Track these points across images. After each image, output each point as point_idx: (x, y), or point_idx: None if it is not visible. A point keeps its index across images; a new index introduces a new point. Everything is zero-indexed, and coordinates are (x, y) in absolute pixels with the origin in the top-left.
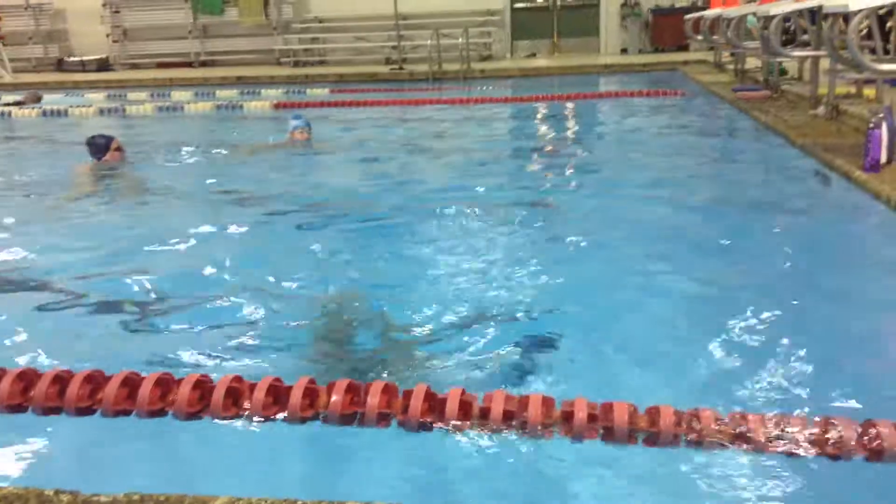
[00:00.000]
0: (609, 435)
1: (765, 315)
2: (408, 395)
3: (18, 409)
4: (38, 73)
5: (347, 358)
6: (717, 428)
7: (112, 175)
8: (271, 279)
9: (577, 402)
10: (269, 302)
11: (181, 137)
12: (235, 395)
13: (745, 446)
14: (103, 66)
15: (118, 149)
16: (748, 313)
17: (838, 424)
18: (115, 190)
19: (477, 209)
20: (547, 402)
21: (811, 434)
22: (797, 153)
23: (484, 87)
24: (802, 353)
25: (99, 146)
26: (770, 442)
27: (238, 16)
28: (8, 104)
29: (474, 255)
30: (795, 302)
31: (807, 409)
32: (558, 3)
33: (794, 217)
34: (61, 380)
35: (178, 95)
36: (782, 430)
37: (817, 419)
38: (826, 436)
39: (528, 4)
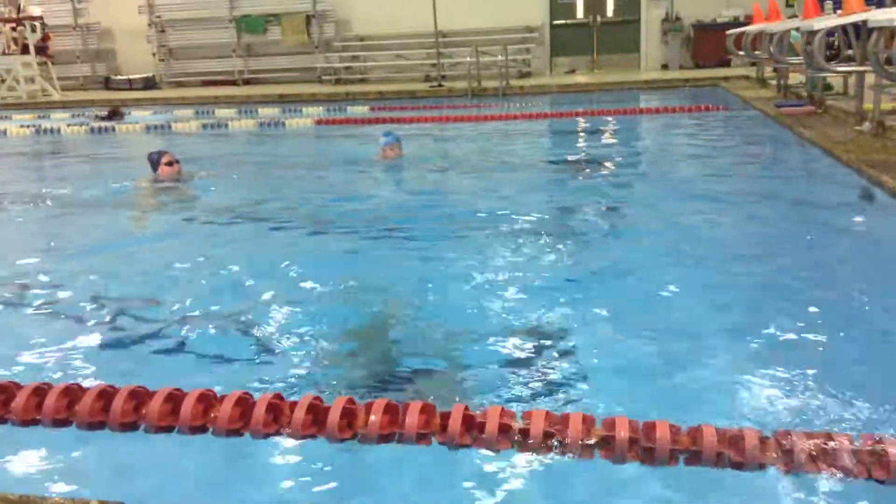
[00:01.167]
0: (650, 455)
1: (811, 334)
2: (446, 415)
3: (63, 423)
4: (86, 90)
5: (386, 377)
6: (760, 448)
7: (168, 190)
8: (310, 297)
9: (618, 421)
10: (307, 320)
11: (230, 153)
12: (275, 412)
13: (790, 466)
14: (149, 84)
15: (169, 163)
16: (794, 331)
17: (888, 444)
18: (168, 205)
19: (516, 225)
20: (587, 421)
21: (860, 454)
22: (842, 169)
23: (523, 104)
24: (850, 372)
25: (151, 162)
26: (817, 462)
27: (281, 35)
28: (98, 117)
29: (513, 272)
30: (842, 320)
31: (856, 429)
32: (598, 19)
33: (841, 234)
34: (106, 395)
35: (222, 113)
36: (830, 450)
37: (866, 438)
38: (875, 456)
39: (568, 21)
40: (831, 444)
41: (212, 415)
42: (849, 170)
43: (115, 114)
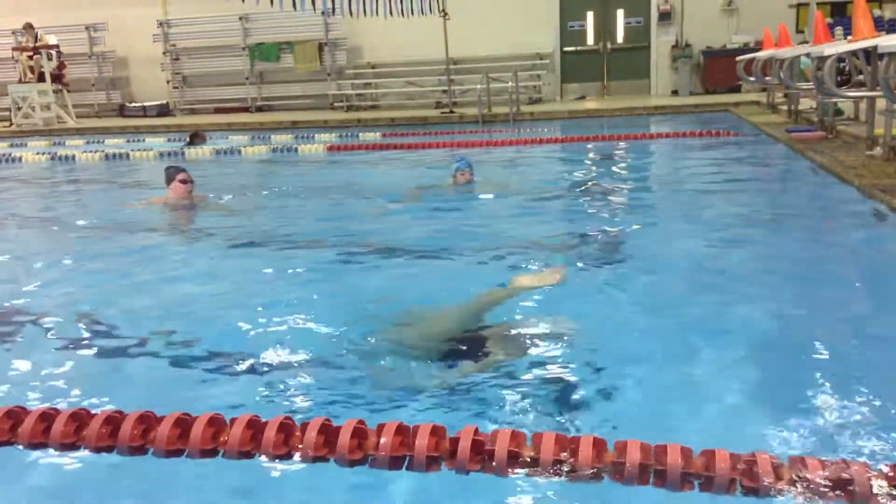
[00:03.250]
0: (662, 479)
1: (824, 359)
2: (455, 440)
3: (71, 447)
4: (101, 118)
5: (397, 399)
6: (775, 473)
7: (181, 212)
8: (318, 319)
9: (630, 444)
10: (315, 343)
11: (243, 179)
12: (286, 434)
13: (806, 493)
14: (163, 111)
15: (184, 181)
16: (807, 355)
17: None
18: (181, 228)
19: (525, 250)
20: (598, 444)
21: (879, 482)
22: (854, 194)
23: (533, 129)
24: (867, 398)
25: (168, 176)
26: (831, 489)
27: (293, 63)
28: (186, 143)
29: (523, 297)
30: (856, 345)
31: (875, 456)
32: (608, 46)
33: (854, 259)
34: (114, 420)
35: (235, 139)
36: (845, 477)
37: (885, 466)
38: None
39: (578, 48)
40: (848, 471)
41: (222, 438)
42: (861, 194)
43: (196, 137)
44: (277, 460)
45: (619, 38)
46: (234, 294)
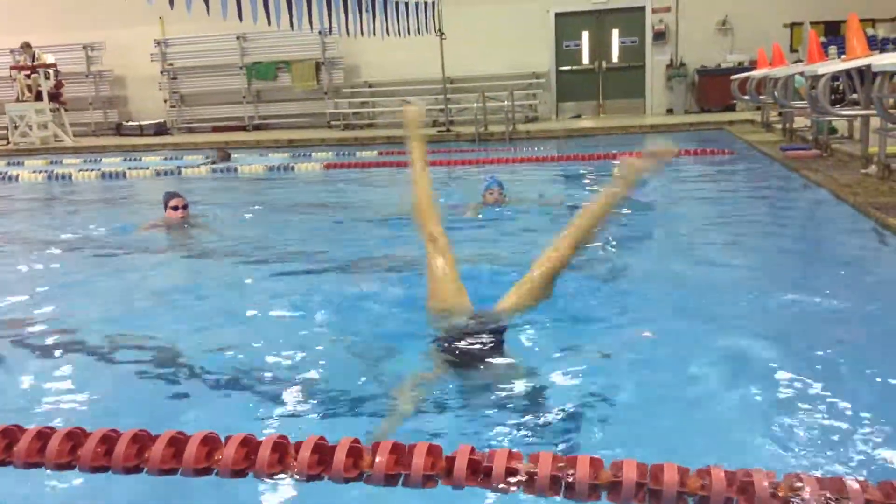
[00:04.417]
0: (657, 498)
1: (821, 377)
2: (451, 458)
3: (66, 467)
4: (98, 137)
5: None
6: (770, 491)
7: (176, 233)
8: (312, 338)
9: (626, 464)
10: (312, 361)
11: (239, 197)
12: (281, 453)
13: None
14: (160, 129)
15: (175, 208)
16: (803, 375)
17: None
18: (175, 249)
19: (521, 268)
20: (595, 464)
21: (873, 499)
22: (849, 212)
23: (529, 148)
24: (862, 415)
25: (164, 201)
26: None
27: (290, 81)
28: (212, 163)
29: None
30: (852, 363)
31: (869, 473)
32: (603, 65)
33: (849, 276)
34: (109, 439)
35: (232, 157)
36: (840, 494)
37: (881, 483)
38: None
39: (574, 67)
40: (844, 489)
41: (216, 457)
42: (856, 212)
43: (222, 153)
44: (272, 479)
45: (615, 57)
46: (229, 313)
